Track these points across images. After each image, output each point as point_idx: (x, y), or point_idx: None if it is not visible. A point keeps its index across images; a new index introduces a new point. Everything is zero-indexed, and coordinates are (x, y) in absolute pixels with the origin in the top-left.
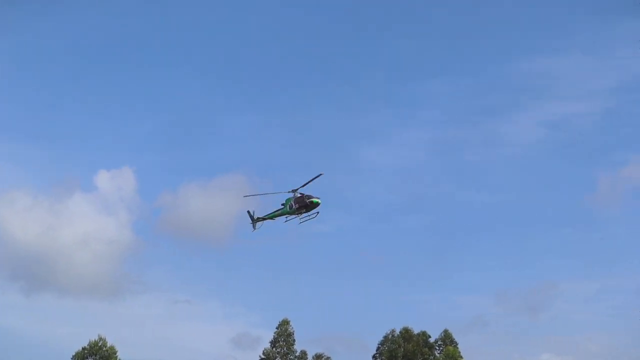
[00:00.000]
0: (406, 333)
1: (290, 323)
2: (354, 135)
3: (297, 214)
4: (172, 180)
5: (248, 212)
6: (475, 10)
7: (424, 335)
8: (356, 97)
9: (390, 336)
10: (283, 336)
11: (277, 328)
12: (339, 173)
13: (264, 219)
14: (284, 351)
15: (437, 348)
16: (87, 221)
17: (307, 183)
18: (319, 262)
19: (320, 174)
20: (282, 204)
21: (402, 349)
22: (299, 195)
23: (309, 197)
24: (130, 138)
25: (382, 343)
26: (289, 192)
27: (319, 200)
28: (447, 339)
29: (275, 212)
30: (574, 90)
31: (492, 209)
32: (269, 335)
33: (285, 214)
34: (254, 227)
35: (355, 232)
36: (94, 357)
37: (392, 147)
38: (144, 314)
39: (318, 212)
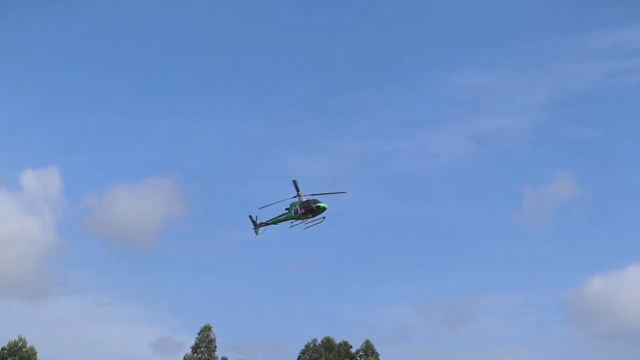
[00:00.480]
0: (328, 343)
1: (212, 329)
2: (282, 142)
3: (303, 219)
4: (99, 181)
5: (250, 217)
6: (407, 22)
7: (346, 345)
8: (285, 105)
9: (311, 345)
10: (205, 342)
11: (198, 334)
12: (264, 179)
13: (267, 224)
14: (205, 357)
15: (359, 358)
16: (10, 221)
17: (322, 194)
18: (244, 268)
19: (344, 192)
20: (287, 209)
21: (324, 359)
22: (304, 199)
23: (315, 201)
24: (57, 137)
25: (303, 352)
26: (293, 197)
27: (326, 205)
28: (368, 349)
29: (279, 217)
30: (503, 105)
31: (418, 221)
32: (191, 340)
33: (290, 219)
34: (256, 232)
35: (279, 239)
36: (13, 357)
37: (319, 155)
38: (65, 315)
39: (324, 217)
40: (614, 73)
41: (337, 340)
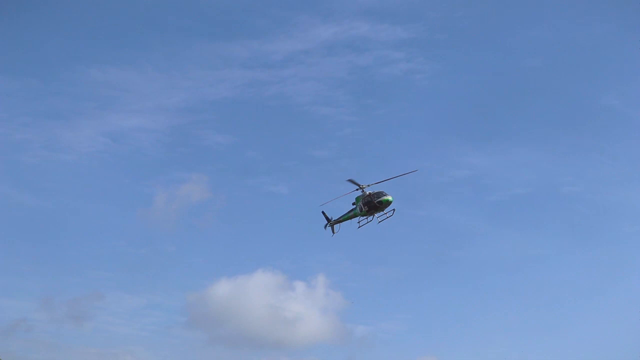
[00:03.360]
0: None
1: None
2: None
3: (369, 215)
4: None
5: (323, 212)
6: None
7: None
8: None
9: None
10: None
11: None
12: None
13: (339, 221)
14: None
15: None
16: None
17: (393, 177)
18: None
19: (415, 170)
20: (353, 203)
21: None
22: (366, 194)
23: (378, 195)
24: None
25: None
26: (356, 189)
27: (390, 198)
28: None
29: (348, 213)
30: (140, 105)
31: (47, 214)
32: None
33: (357, 216)
34: (332, 231)
35: None
36: None
37: None
38: None
39: (394, 210)
40: (252, 82)
41: None
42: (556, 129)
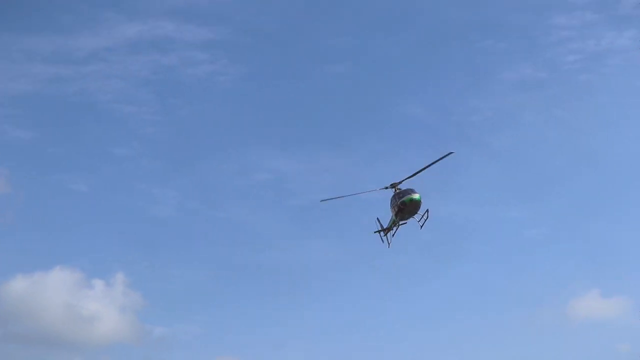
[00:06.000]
0: None
1: None
2: None
3: (405, 220)
4: None
5: (377, 220)
6: None
7: None
8: None
9: None
10: None
11: None
12: None
13: (388, 229)
14: None
15: None
16: None
17: (430, 164)
18: None
19: (451, 152)
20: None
21: None
22: (394, 193)
23: (402, 195)
24: None
25: None
26: (386, 187)
27: (414, 197)
28: None
29: (390, 220)
30: None
31: None
32: None
33: (395, 223)
34: (388, 243)
35: None
36: None
37: None
38: None
39: (428, 210)
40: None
41: None
42: (359, 135)
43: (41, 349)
